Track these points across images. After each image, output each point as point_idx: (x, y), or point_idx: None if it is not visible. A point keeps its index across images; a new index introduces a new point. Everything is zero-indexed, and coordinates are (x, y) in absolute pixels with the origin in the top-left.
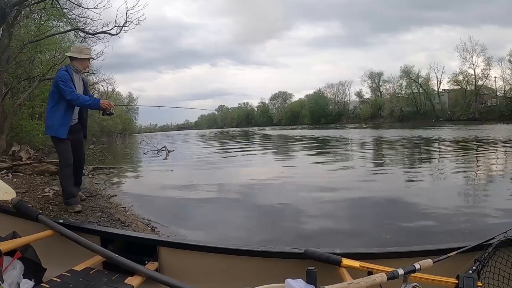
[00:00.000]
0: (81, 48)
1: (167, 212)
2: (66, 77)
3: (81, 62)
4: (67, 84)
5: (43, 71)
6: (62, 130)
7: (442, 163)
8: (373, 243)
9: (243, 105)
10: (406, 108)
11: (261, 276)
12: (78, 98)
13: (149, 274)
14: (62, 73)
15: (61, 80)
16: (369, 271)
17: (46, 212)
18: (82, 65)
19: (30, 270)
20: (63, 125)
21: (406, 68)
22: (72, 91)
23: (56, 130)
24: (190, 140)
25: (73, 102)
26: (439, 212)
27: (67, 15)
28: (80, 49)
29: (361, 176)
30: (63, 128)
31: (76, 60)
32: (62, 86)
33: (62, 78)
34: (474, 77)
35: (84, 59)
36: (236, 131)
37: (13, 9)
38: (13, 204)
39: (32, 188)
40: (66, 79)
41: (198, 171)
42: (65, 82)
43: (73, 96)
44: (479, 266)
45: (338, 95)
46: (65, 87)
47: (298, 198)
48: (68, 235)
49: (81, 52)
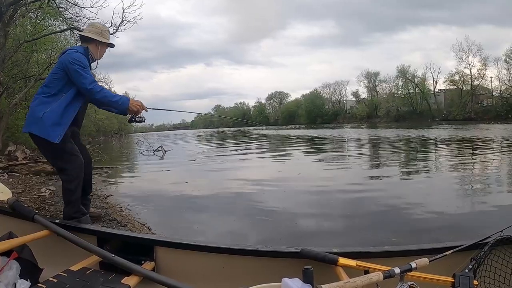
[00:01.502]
0: (102, 29)
1: (164, 212)
2: (84, 60)
3: (98, 48)
4: (86, 71)
5: (39, 70)
6: (57, 131)
7: (442, 161)
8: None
9: (240, 105)
10: (402, 108)
11: (258, 276)
12: (103, 91)
13: (146, 274)
14: (78, 56)
15: (78, 64)
16: (365, 270)
17: (42, 212)
18: (98, 53)
19: (27, 270)
20: (59, 125)
21: (403, 68)
22: (94, 80)
23: (46, 130)
24: (187, 140)
25: (95, 95)
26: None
27: (63, 14)
28: (101, 30)
29: (366, 176)
30: (58, 129)
31: (93, 44)
32: (79, 71)
33: (80, 60)
34: (470, 77)
35: (103, 44)
36: (232, 131)
37: (9, 8)
38: (9, 204)
39: (28, 188)
40: (85, 63)
41: (194, 171)
42: (84, 67)
43: (96, 86)
44: (475, 264)
45: (335, 94)
46: (84, 73)
47: (300, 200)
48: (65, 235)
49: (101, 35)
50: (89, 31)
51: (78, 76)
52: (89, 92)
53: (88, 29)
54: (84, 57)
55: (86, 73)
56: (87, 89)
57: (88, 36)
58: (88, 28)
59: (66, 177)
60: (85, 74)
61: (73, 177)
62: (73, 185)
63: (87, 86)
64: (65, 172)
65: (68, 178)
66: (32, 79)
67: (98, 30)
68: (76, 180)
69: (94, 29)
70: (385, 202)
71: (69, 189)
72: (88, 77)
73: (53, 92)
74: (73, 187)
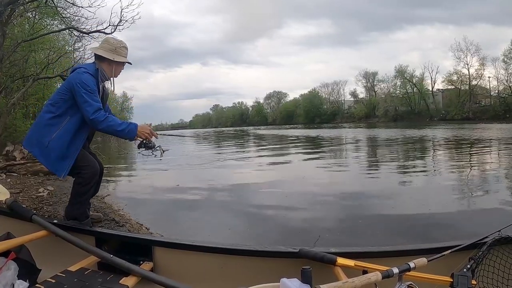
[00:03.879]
0: (116, 45)
1: (162, 212)
2: (92, 84)
3: (113, 66)
4: (93, 96)
5: (37, 70)
6: (63, 165)
7: (439, 161)
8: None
9: (238, 105)
10: (400, 108)
11: (256, 276)
12: (107, 120)
13: (144, 274)
14: (86, 78)
15: (85, 88)
16: (364, 270)
17: (40, 213)
18: (113, 71)
19: (25, 271)
20: (66, 158)
21: (401, 68)
22: (99, 108)
23: (51, 162)
24: (185, 140)
25: (98, 125)
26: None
27: (61, 14)
28: (115, 47)
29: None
30: (64, 163)
31: (106, 62)
32: (84, 96)
33: (88, 84)
34: (468, 77)
35: (118, 63)
36: (230, 130)
37: (6, 8)
38: (7, 205)
39: (26, 188)
40: (93, 88)
41: (193, 171)
42: (90, 93)
43: (100, 116)
44: (473, 264)
45: (333, 94)
46: (90, 99)
47: (299, 202)
48: (63, 235)
49: (115, 52)
50: (101, 47)
51: (83, 102)
52: (92, 121)
53: (101, 46)
54: (94, 79)
55: (92, 99)
56: (89, 118)
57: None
58: (101, 45)
59: (80, 179)
60: (91, 101)
61: (87, 181)
62: (85, 188)
63: (89, 116)
64: (79, 175)
65: (81, 181)
66: (30, 78)
67: (112, 47)
68: (88, 185)
69: (107, 46)
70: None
71: (79, 191)
72: (93, 105)
73: (58, 113)
74: (84, 190)
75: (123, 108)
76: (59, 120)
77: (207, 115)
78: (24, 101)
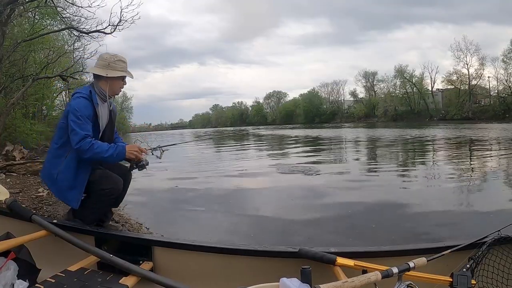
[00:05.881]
0: (109, 60)
1: (161, 212)
2: (83, 109)
3: (110, 83)
4: (81, 124)
5: (37, 70)
6: (74, 194)
7: (438, 160)
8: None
9: (237, 104)
10: (400, 108)
11: (256, 275)
12: (92, 148)
13: (144, 274)
14: (78, 103)
15: (75, 114)
16: (363, 269)
17: (40, 212)
18: (112, 88)
19: (25, 271)
20: (75, 188)
21: (400, 67)
22: (84, 136)
23: (62, 193)
24: (185, 139)
25: (83, 154)
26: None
27: (61, 14)
28: (108, 62)
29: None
30: (75, 193)
31: (103, 80)
32: (72, 125)
33: (78, 110)
34: (468, 76)
35: (115, 79)
36: (230, 130)
37: (6, 8)
38: (7, 205)
39: (25, 188)
40: (82, 114)
41: (192, 171)
42: (78, 119)
43: (84, 144)
44: (473, 264)
45: (333, 94)
46: (77, 127)
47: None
48: (62, 235)
49: (108, 67)
50: (96, 65)
51: (70, 130)
52: (78, 151)
53: (96, 64)
54: (88, 101)
55: (79, 127)
56: (74, 148)
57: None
58: (96, 62)
59: (102, 191)
60: (77, 129)
61: (103, 198)
62: (102, 201)
63: (74, 145)
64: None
65: (101, 194)
66: (29, 78)
67: (105, 63)
68: (104, 202)
69: (101, 62)
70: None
71: (96, 200)
72: (78, 133)
73: (61, 143)
74: (100, 200)
75: (122, 108)
76: (64, 150)
77: (207, 115)
78: (23, 101)
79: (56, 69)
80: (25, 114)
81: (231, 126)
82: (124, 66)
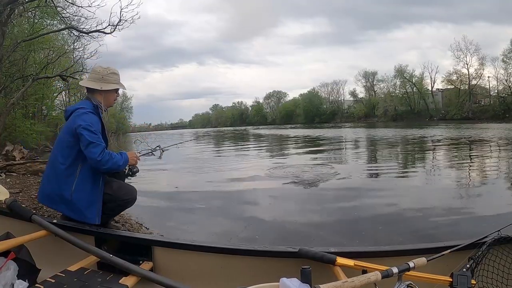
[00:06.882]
0: (103, 73)
1: (161, 212)
2: (95, 124)
3: (105, 95)
4: (98, 138)
5: (37, 70)
6: (93, 211)
7: (438, 160)
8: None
9: (237, 104)
10: (400, 107)
11: (256, 275)
12: (111, 159)
13: (144, 274)
14: (91, 118)
15: (89, 128)
16: (363, 269)
17: (40, 212)
18: (107, 101)
19: (24, 271)
20: (93, 203)
21: (400, 67)
22: (103, 150)
23: (81, 213)
24: (185, 139)
25: (103, 165)
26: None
27: (61, 14)
28: (101, 75)
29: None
30: (94, 209)
31: (97, 93)
32: (88, 138)
33: (93, 125)
34: (467, 76)
35: (109, 92)
36: (230, 130)
37: (6, 8)
38: (7, 205)
39: (25, 188)
40: (96, 129)
41: (192, 171)
42: (95, 134)
43: (105, 155)
44: (473, 264)
45: (332, 94)
46: (96, 140)
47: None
48: (62, 235)
49: (102, 80)
50: (89, 78)
51: (87, 143)
52: (99, 163)
53: (88, 77)
54: (96, 117)
55: (98, 141)
56: (97, 160)
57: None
58: (89, 76)
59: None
60: (97, 141)
61: (127, 204)
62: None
63: (97, 157)
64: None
65: (122, 204)
66: (29, 78)
67: (99, 76)
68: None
69: (94, 75)
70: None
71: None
72: (100, 145)
73: (69, 163)
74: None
75: (122, 108)
76: (73, 169)
77: (207, 115)
78: (23, 101)
79: (56, 69)
80: (25, 114)
81: (231, 126)
82: (117, 78)
